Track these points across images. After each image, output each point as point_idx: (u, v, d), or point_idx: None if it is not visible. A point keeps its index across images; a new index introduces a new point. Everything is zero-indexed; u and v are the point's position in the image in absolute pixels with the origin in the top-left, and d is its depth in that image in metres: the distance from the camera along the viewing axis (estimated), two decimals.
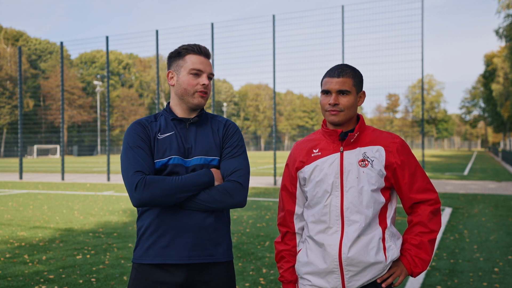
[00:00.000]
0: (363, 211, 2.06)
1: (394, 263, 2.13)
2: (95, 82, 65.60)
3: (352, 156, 2.11)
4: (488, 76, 59.49)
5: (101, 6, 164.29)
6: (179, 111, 2.25)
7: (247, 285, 5.01)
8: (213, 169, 2.18)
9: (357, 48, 30.63)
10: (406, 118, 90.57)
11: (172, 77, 2.25)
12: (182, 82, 2.20)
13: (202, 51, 2.23)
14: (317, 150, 2.17)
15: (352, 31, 31.13)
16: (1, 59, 60.12)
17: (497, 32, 35.21)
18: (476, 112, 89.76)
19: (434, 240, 2.15)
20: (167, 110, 2.27)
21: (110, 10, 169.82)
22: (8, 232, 8.08)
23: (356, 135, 2.12)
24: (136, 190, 2.05)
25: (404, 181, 2.13)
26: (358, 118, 2.20)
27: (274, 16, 17.72)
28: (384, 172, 2.10)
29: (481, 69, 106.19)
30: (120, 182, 18.67)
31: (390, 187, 2.16)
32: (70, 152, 62.56)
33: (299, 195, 2.24)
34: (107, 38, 20.01)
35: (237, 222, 8.80)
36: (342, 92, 2.09)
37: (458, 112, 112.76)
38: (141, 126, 2.21)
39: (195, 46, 2.23)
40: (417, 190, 2.15)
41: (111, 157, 27.97)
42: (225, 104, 76.91)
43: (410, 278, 5.15)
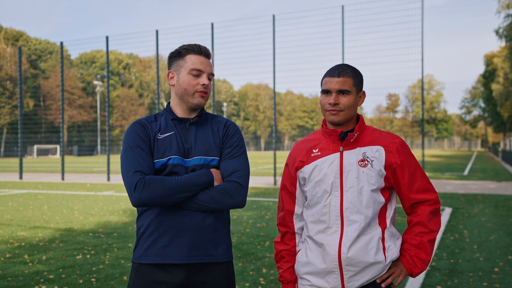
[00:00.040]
0: (363, 211, 2.06)
1: (394, 263, 2.13)
2: (95, 82, 65.60)
3: (352, 156, 2.11)
4: (488, 76, 59.49)
5: (101, 6, 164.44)
6: (179, 111, 2.25)
7: (247, 285, 5.02)
8: (212, 169, 2.17)
9: (357, 48, 30.66)
10: (406, 118, 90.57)
11: (172, 77, 2.25)
12: (182, 82, 2.20)
13: (202, 51, 2.22)
14: (316, 150, 2.17)
15: (352, 31, 31.17)
16: (1, 59, 60.12)
17: (497, 32, 35.22)
18: (476, 112, 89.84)
19: (433, 240, 2.15)
20: (167, 110, 2.27)
21: (110, 10, 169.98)
22: (8, 232, 8.09)
23: (356, 135, 2.12)
24: (135, 190, 2.05)
25: (403, 181, 2.13)
26: (358, 118, 2.20)
27: (274, 16, 17.73)
28: (383, 172, 2.10)
29: (481, 69, 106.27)
30: (120, 182, 18.67)
31: (389, 187, 2.16)
32: (70, 152, 62.57)
33: (299, 195, 2.24)
34: (107, 38, 20.02)
35: (237, 222, 8.80)
36: (342, 91, 2.09)
37: (458, 112, 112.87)
38: (141, 126, 2.21)
39: (196, 46, 2.22)
40: (416, 190, 2.15)
41: (111, 157, 27.98)
42: (225, 104, 76.90)
43: (410, 278, 5.16)
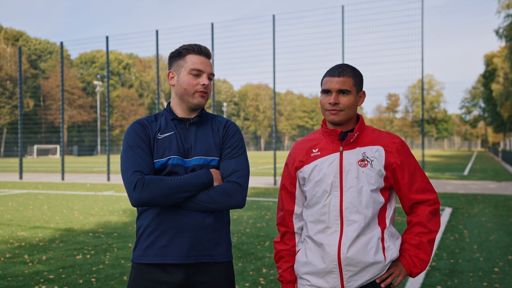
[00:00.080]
0: (362, 211, 2.06)
1: (393, 263, 2.13)
2: (95, 82, 65.59)
3: (351, 156, 2.11)
4: (488, 76, 59.48)
5: (101, 6, 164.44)
6: (179, 111, 2.25)
7: (247, 285, 5.02)
8: (212, 169, 2.17)
9: (357, 48, 30.66)
10: (406, 118, 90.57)
11: (172, 77, 2.25)
12: (182, 82, 2.20)
13: (202, 51, 2.22)
14: (316, 150, 2.17)
15: (352, 31, 31.15)
16: (1, 59, 60.13)
17: (497, 32, 35.22)
18: (476, 112, 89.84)
19: (433, 240, 2.15)
20: (168, 110, 2.27)
21: (110, 10, 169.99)
22: (8, 232, 8.09)
23: (355, 135, 2.12)
24: (134, 190, 2.05)
25: (403, 181, 2.13)
26: (358, 118, 2.20)
27: (274, 16, 17.73)
28: (383, 172, 2.10)
29: (481, 69, 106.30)
30: (120, 182, 18.67)
31: (389, 187, 2.16)
32: (70, 152, 62.57)
33: (299, 195, 2.24)
34: (107, 38, 20.02)
35: (237, 222, 8.80)
36: (342, 91, 2.09)
37: (458, 112, 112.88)
38: (141, 126, 2.21)
39: (196, 46, 2.22)
40: (416, 190, 2.15)
41: (111, 157, 27.98)
42: (225, 104, 76.90)
43: (410, 278, 5.16)
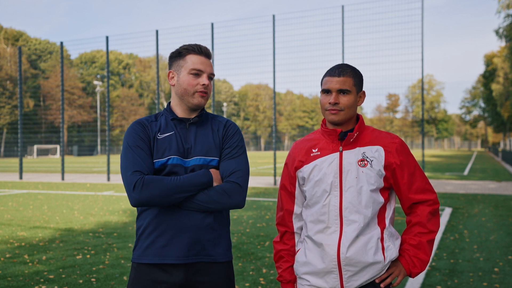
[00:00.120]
0: (362, 211, 2.06)
1: (393, 263, 2.13)
2: (95, 82, 65.58)
3: (351, 156, 2.11)
4: (488, 76, 59.48)
5: (101, 6, 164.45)
6: (180, 111, 2.25)
7: (247, 285, 5.02)
8: (212, 169, 2.17)
9: (357, 48, 30.65)
10: (406, 118, 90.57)
11: (172, 77, 2.25)
12: (183, 82, 2.20)
13: (202, 51, 2.22)
14: (316, 150, 2.17)
15: (352, 31, 31.13)
16: (1, 59, 60.12)
17: (497, 32, 35.22)
18: (476, 112, 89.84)
19: (432, 240, 2.15)
20: (168, 110, 2.27)
21: (110, 10, 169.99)
22: (8, 232, 8.09)
23: (355, 135, 2.12)
24: (134, 190, 2.05)
25: (403, 181, 2.13)
26: (358, 118, 2.20)
27: (274, 16, 17.73)
28: (383, 172, 2.10)
29: (481, 69, 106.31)
30: (120, 182, 18.67)
31: (389, 187, 2.16)
32: (70, 152, 62.56)
33: (298, 195, 2.24)
34: (107, 38, 20.02)
35: (237, 222, 8.81)
36: (342, 91, 2.09)
37: (458, 112, 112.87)
38: (141, 126, 2.21)
39: (196, 46, 2.22)
40: (416, 190, 2.15)
41: (111, 157, 27.98)
42: (225, 104, 76.91)
43: (410, 278, 5.16)
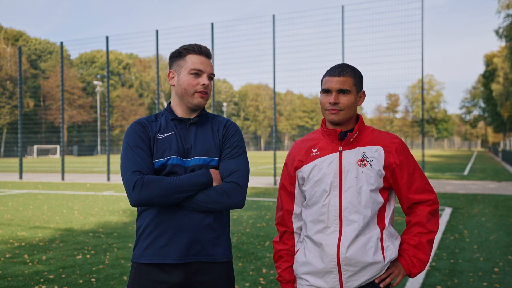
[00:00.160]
0: (362, 211, 2.06)
1: (392, 263, 2.13)
2: (95, 82, 65.58)
3: (351, 156, 2.11)
4: (488, 76, 59.47)
5: (101, 6, 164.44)
6: (180, 111, 2.25)
7: (247, 285, 5.02)
8: (211, 169, 2.17)
9: (357, 48, 30.65)
10: (406, 118, 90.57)
11: (173, 77, 2.25)
12: (183, 82, 2.20)
13: (202, 51, 2.22)
14: (316, 150, 2.17)
15: (352, 31, 31.12)
16: (1, 59, 60.11)
17: (497, 32, 35.22)
18: (476, 112, 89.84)
19: (432, 240, 2.15)
20: (168, 110, 2.27)
21: (110, 10, 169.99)
22: (8, 232, 8.09)
23: (355, 135, 2.12)
24: (133, 190, 2.05)
25: (402, 181, 2.13)
26: (358, 118, 2.20)
27: (274, 16, 17.73)
28: (383, 172, 2.10)
29: (481, 69, 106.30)
30: (120, 182, 18.67)
31: (388, 188, 2.16)
32: (70, 152, 62.56)
33: (298, 195, 2.24)
34: (107, 38, 20.02)
35: (237, 222, 8.81)
36: (342, 91, 2.09)
37: (458, 112, 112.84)
38: (141, 126, 2.21)
39: (196, 46, 2.22)
40: (415, 190, 2.15)
41: (111, 157, 27.98)
42: (225, 104, 76.91)
43: (410, 278, 5.15)
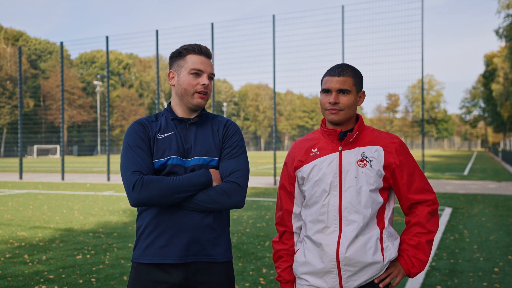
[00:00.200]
0: (361, 211, 2.06)
1: (392, 263, 2.13)
2: (95, 82, 65.57)
3: (351, 156, 2.11)
4: (488, 76, 59.46)
5: (101, 6, 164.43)
6: (180, 111, 2.25)
7: (247, 285, 5.02)
8: (211, 169, 2.17)
9: (357, 48, 30.64)
10: (406, 118, 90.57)
11: (173, 77, 2.25)
12: (183, 82, 2.20)
13: (203, 51, 2.22)
14: (315, 150, 2.17)
15: (352, 31, 31.12)
16: (1, 59, 60.11)
17: (497, 32, 35.22)
18: (476, 112, 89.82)
19: (431, 240, 2.15)
20: (168, 110, 2.27)
21: (110, 10, 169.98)
22: (8, 232, 8.09)
23: (355, 135, 2.12)
24: (133, 190, 2.05)
25: (402, 181, 2.13)
26: (357, 118, 2.20)
27: (274, 16, 17.73)
28: (382, 172, 2.10)
29: (481, 69, 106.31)
30: (120, 182, 18.66)
31: (388, 188, 2.16)
32: (70, 152, 62.55)
33: (297, 195, 2.24)
34: (107, 38, 20.01)
35: (237, 222, 8.81)
36: (342, 91, 2.09)
37: (458, 112, 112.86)
38: (141, 126, 2.21)
39: (196, 46, 2.22)
40: (415, 190, 2.15)
41: (111, 157, 27.98)
42: (225, 104, 76.92)
43: (410, 278, 5.15)
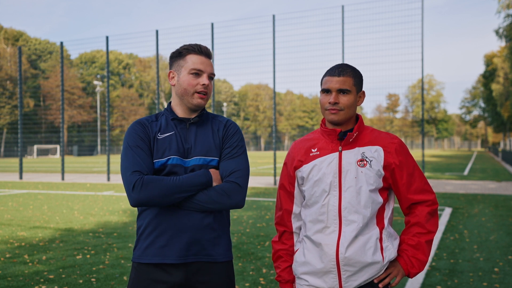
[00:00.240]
0: (361, 211, 2.06)
1: (391, 264, 2.13)
2: (95, 82, 65.57)
3: (350, 156, 2.11)
4: (488, 76, 59.46)
5: (101, 6, 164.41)
6: (180, 111, 2.25)
7: (247, 285, 5.02)
8: (211, 169, 2.17)
9: (357, 48, 30.65)
10: (406, 118, 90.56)
11: (173, 77, 2.25)
12: (183, 82, 2.20)
13: (203, 51, 2.22)
14: (315, 150, 2.17)
15: (352, 31, 31.09)
16: (1, 59, 60.10)
17: (497, 32, 35.21)
18: (476, 112, 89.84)
19: (431, 241, 2.15)
20: (168, 110, 2.27)
21: (110, 10, 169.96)
22: (8, 232, 8.09)
23: (355, 135, 2.12)
24: (133, 190, 2.05)
25: (402, 181, 2.13)
26: (357, 118, 2.20)
27: (274, 16, 17.73)
28: (382, 172, 2.10)
29: (481, 69, 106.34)
30: (120, 182, 18.67)
31: (388, 188, 2.16)
32: (70, 152, 62.54)
33: (297, 195, 2.24)
34: (107, 38, 20.01)
35: (237, 222, 8.81)
36: (342, 91, 2.09)
37: (458, 112, 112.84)
38: (141, 126, 2.21)
39: (196, 46, 2.22)
40: (415, 190, 2.15)
41: (111, 157, 27.98)
42: (225, 104, 76.92)
43: (410, 278, 5.15)
